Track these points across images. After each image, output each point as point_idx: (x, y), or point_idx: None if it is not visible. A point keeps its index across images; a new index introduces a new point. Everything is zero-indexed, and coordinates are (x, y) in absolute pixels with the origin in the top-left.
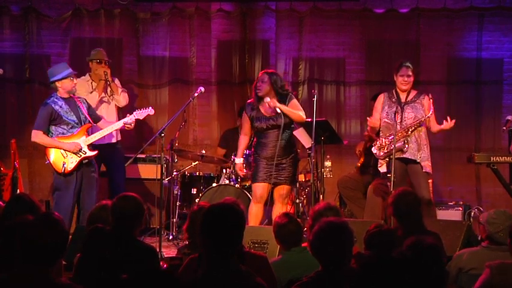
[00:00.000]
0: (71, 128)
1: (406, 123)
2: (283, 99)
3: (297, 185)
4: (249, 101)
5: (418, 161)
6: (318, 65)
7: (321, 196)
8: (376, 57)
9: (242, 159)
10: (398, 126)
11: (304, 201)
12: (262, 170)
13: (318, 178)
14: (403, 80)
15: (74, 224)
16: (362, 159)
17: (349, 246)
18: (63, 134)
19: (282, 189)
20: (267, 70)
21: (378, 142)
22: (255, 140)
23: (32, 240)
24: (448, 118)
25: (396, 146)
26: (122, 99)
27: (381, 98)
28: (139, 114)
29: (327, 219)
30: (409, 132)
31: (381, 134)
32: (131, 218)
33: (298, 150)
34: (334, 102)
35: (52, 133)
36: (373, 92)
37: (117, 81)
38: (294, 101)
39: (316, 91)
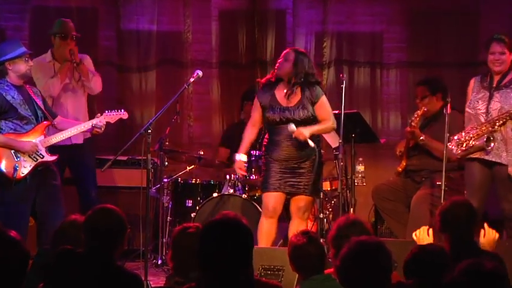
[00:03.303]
0: (26, 123)
1: (491, 115)
2: (310, 89)
3: (321, 196)
4: (262, 80)
5: (505, 163)
6: (348, 42)
7: (351, 209)
8: (421, 31)
9: (245, 156)
10: (481, 118)
11: (330, 216)
12: (274, 175)
13: (347, 186)
14: (494, 59)
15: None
16: (404, 163)
17: (386, 273)
18: (15, 130)
19: (300, 201)
20: (296, 48)
21: (456, 136)
22: (266, 137)
23: None
24: None
25: (476, 143)
26: (94, 85)
27: (471, 84)
28: (110, 117)
29: (357, 239)
30: (496, 126)
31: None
32: (109, 236)
33: (322, 151)
34: (368, 89)
35: (1, 129)
36: (417, 76)
37: (88, 60)
38: (323, 100)
39: (345, 75)
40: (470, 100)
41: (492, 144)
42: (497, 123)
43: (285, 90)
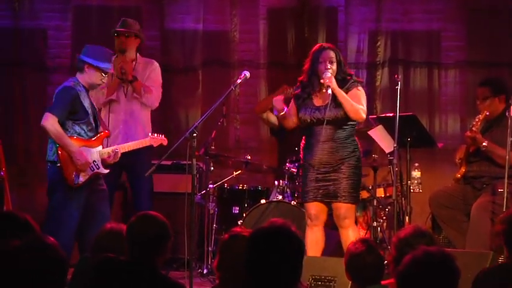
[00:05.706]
0: (90, 130)
1: None
2: (343, 84)
3: (374, 203)
4: (296, 92)
5: None
6: (403, 41)
7: (407, 218)
8: (481, 29)
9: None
10: None
11: (384, 224)
12: (309, 183)
13: (402, 193)
14: None
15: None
16: (463, 169)
17: None
18: (79, 135)
19: (337, 209)
20: (329, 45)
21: None
22: (303, 141)
23: (16, 271)
24: None
25: None
26: (146, 101)
27: None
28: (154, 139)
29: (425, 248)
30: None
31: None
32: (152, 244)
33: (376, 156)
34: (424, 90)
35: (67, 130)
36: (477, 77)
37: (153, 67)
38: (356, 91)
39: (400, 76)
40: None
41: None
42: None
43: (324, 90)
